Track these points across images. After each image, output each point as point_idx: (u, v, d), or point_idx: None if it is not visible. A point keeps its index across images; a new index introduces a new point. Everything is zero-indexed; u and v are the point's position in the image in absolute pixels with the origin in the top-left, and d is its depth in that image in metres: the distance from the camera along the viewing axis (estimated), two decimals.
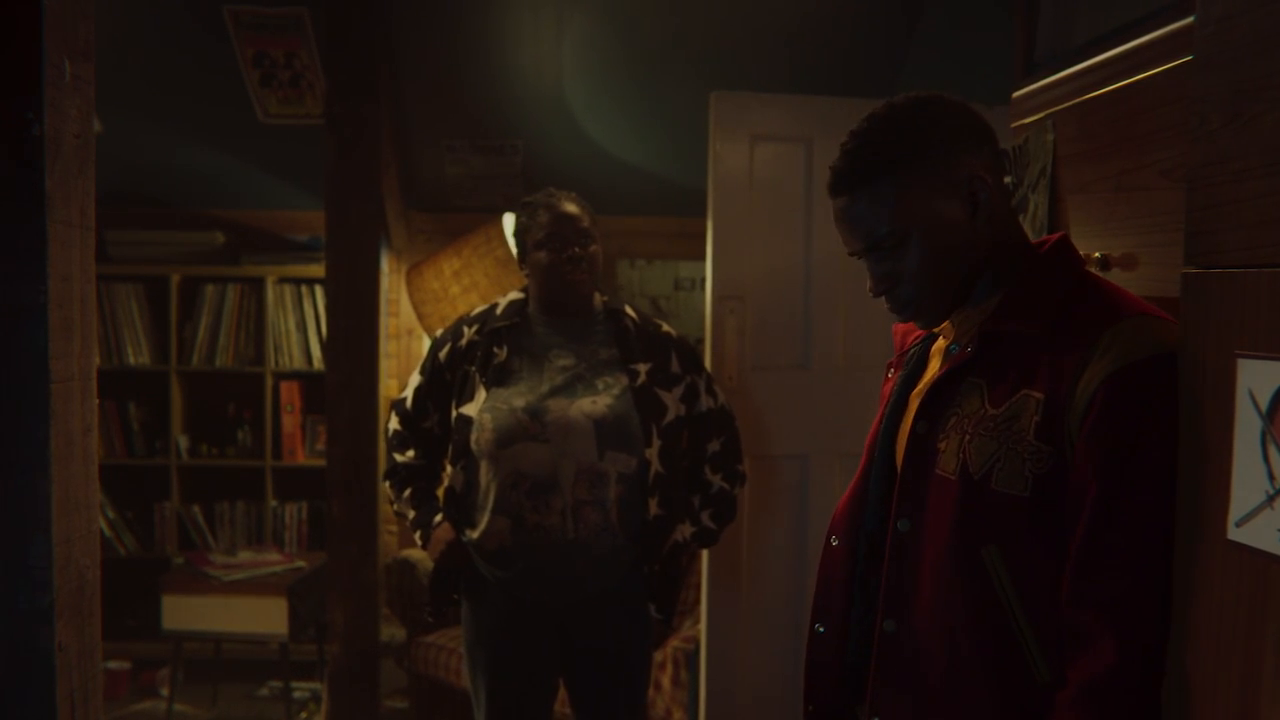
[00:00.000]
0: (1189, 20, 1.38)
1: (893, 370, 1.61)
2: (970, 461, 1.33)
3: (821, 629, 1.56)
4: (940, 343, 1.52)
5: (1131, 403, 1.23)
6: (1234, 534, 1.08)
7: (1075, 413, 1.27)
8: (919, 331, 1.59)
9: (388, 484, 2.64)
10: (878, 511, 1.50)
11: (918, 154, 1.37)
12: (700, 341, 4.27)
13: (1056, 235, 1.44)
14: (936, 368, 1.49)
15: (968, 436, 1.34)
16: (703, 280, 4.67)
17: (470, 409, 2.48)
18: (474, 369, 2.50)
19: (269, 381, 4.69)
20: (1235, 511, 1.08)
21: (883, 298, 1.44)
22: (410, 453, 2.60)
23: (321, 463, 4.31)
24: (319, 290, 4.61)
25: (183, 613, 4.04)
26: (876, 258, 1.41)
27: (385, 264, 4.64)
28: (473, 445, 2.46)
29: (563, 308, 2.54)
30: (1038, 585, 1.29)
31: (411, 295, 4.34)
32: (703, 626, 3.31)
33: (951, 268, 1.39)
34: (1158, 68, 1.51)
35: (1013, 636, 1.31)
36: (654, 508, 2.48)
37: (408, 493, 2.59)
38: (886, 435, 1.51)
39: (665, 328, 2.61)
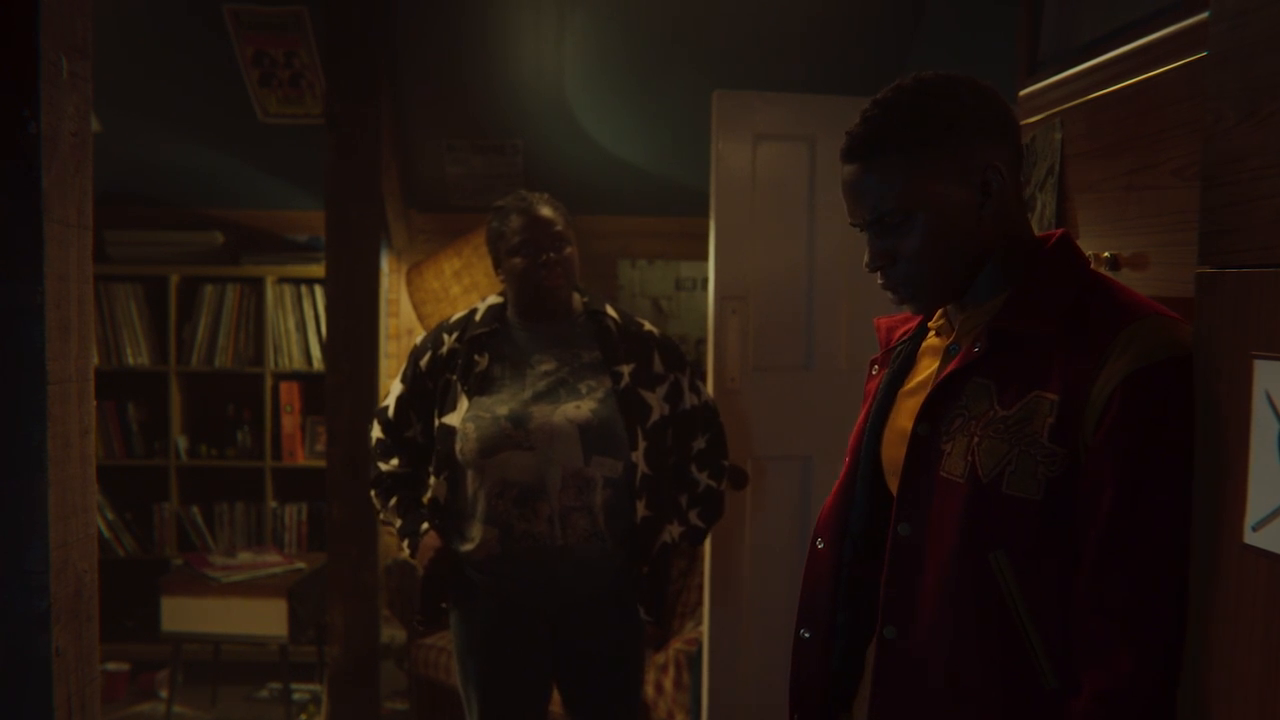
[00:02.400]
0: (1200, 17, 1.37)
1: (877, 367, 1.58)
2: (980, 464, 1.30)
3: (807, 634, 1.53)
4: (932, 340, 1.49)
5: (1151, 404, 1.21)
6: (1250, 538, 1.06)
7: (1091, 414, 1.24)
8: (905, 327, 1.56)
9: (373, 493, 2.61)
10: (864, 512, 1.47)
11: (938, 135, 1.34)
12: (702, 342, 4.26)
13: (1058, 232, 1.41)
14: (928, 367, 1.46)
15: (976, 438, 1.31)
16: (704, 280, 4.66)
17: (453, 419, 2.45)
18: (455, 378, 2.48)
19: (268, 382, 4.68)
20: (1252, 515, 1.06)
21: (877, 275, 1.42)
22: (394, 461, 2.58)
23: (321, 464, 4.29)
24: (319, 290, 4.60)
25: (182, 614, 4.03)
26: (878, 232, 1.38)
27: (385, 264, 4.62)
28: (457, 455, 2.43)
29: (541, 312, 2.52)
30: (1045, 590, 1.27)
31: (412, 295, 4.33)
32: (705, 628, 3.29)
33: (952, 253, 1.36)
34: (1168, 65, 1.49)
35: (1019, 642, 1.28)
36: (641, 509, 2.45)
37: (393, 501, 2.56)
38: (872, 434, 1.48)
39: (647, 326, 2.59)
